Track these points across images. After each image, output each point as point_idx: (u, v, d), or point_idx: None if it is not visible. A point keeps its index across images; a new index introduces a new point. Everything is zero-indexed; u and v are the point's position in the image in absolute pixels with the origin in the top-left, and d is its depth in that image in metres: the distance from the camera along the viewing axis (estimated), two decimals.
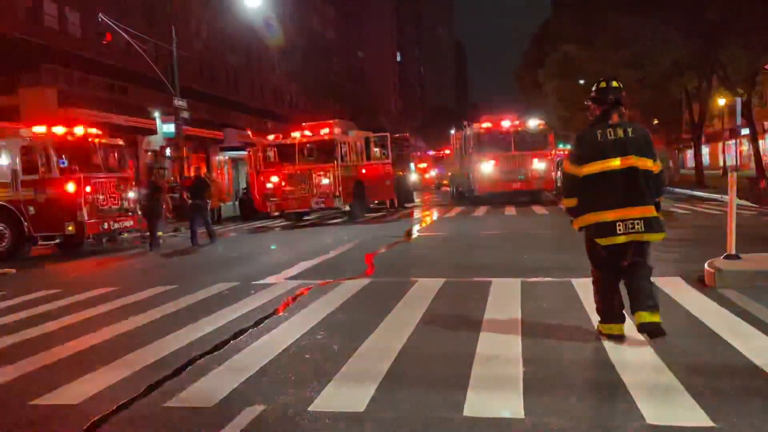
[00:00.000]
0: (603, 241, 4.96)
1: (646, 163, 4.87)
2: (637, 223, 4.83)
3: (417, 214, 22.38)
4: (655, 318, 4.88)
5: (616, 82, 5.09)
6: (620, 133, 4.88)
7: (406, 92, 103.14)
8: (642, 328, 4.89)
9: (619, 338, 5.02)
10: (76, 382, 4.73)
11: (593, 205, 4.95)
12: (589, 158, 4.93)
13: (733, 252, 7.56)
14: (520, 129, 24.27)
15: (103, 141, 15.55)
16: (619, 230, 4.85)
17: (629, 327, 5.08)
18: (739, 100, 26.79)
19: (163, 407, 4.13)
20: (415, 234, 15.23)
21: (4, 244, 14.20)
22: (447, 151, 41.33)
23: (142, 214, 15.65)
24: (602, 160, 4.88)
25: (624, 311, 5.12)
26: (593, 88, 5.18)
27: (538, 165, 24.07)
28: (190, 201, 15.81)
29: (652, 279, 5.08)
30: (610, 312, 5.09)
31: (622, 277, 5.08)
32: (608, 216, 4.87)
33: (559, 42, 37.16)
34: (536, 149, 24.12)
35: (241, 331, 5.93)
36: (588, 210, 5.00)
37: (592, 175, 4.91)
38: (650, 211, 4.87)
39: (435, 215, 21.12)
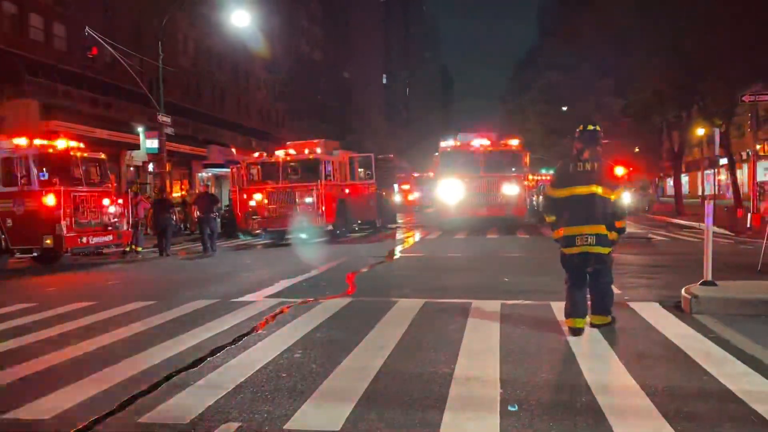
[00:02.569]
0: (566, 251, 6.15)
1: (604, 191, 5.99)
2: (590, 238, 5.98)
3: (399, 235, 22.41)
4: (605, 320, 6.23)
5: (593, 126, 6.25)
6: (588, 167, 6.05)
7: (391, 114, 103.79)
8: (593, 326, 6.18)
9: (578, 331, 6.03)
10: (50, 396, 4.66)
11: (563, 222, 6.15)
12: (563, 185, 6.17)
13: (710, 279, 7.67)
14: (491, 149, 22.09)
15: (85, 155, 15.46)
16: (578, 242, 6.03)
17: (604, 356, 5.11)
18: (717, 130, 27.31)
19: (138, 423, 4.08)
20: (397, 255, 15.25)
21: None
22: (431, 174, 41.56)
23: (153, 226, 17.53)
24: (571, 187, 6.08)
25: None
26: (576, 130, 6.30)
27: (509, 189, 21.81)
28: (198, 214, 17.83)
29: (633, 304, 5.33)
30: (572, 309, 6.12)
31: (588, 283, 6.16)
32: (572, 231, 6.06)
33: (543, 69, 37.75)
34: (508, 172, 21.92)
35: (219, 348, 5.89)
36: (560, 225, 6.19)
37: (563, 198, 6.15)
38: (602, 229, 5.98)
39: (417, 236, 21.17)
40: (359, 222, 23.87)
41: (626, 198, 7.06)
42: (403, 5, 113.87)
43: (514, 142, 22.98)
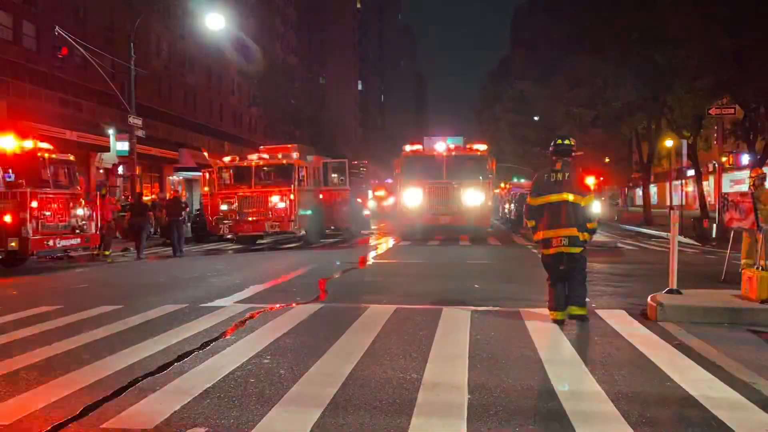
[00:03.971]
0: (544, 251, 6.96)
1: (575, 198, 6.78)
2: (564, 239, 6.75)
3: (372, 241, 22.42)
4: (582, 311, 6.87)
5: (567, 140, 7.03)
6: (560, 176, 6.84)
7: (366, 120, 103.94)
8: (571, 317, 6.84)
9: (560, 322, 6.78)
10: (10, 401, 4.56)
11: (540, 225, 6.95)
12: (539, 193, 6.96)
13: (675, 287, 7.82)
14: (455, 154, 20.96)
15: (53, 156, 15.18)
16: (554, 244, 6.80)
17: (571, 362, 5.18)
18: (684, 142, 27.88)
19: (101, 428, 4.01)
20: (369, 261, 15.25)
21: None
22: (389, 180, 41.67)
23: (130, 228, 17.93)
24: (546, 195, 6.87)
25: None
26: (551, 143, 7.06)
27: (473, 197, 20.56)
28: (167, 218, 18.32)
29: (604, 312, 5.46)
30: (555, 303, 6.90)
31: (564, 280, 6.84)
32: (548, 234, 6.85)
33: (515, 79, 38.18)
34: (473, 178, 20.72)
35: (186, 354, 5.82)
36: (539, 229, 6.97)
37: (540, 204, 6.94)
38: (574, 231, 6.75)
39: (390, 243, 21.19)
40: (332, 228, 23.81)
41: (596, 206, 7.63)
42: (378, 12, 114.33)
43: (480, 147, 21.74)
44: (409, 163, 21.10)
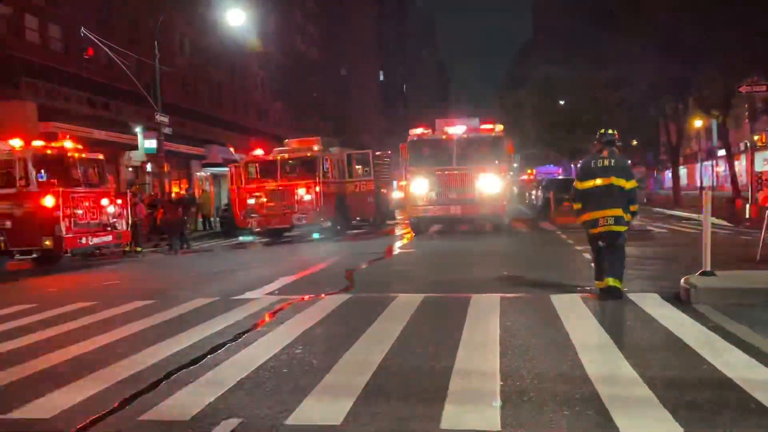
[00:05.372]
0: (591, 230, 7.53)
1: (621, 182, 7.42)
2: (610, 219, 7.34)
3: (398, 231, 22.41)
4: (617, 284, 7.37)
5: (612, 130, 7.78)
6: (606, 162, 7.49)
7: (389, 111, 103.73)
8: (608, 289, 7.38)
9: (607, 289, 7.35)
10: (50, 395, 4.66)
11: (587, 207, 7.54)
12: (586, 177, 7.59)
13: (709, 269, 7.68)
14: (466, 137, 18.66)
15: (83, 155, 15.45)
16: (600, 223, 7.38)
17: (604, 347, 5.11)
18: (714, 122, 27.33)
19: (138, 421, 4.08)
20: (395, 251, 15.26)
21: None
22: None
23: (163, 224, 18.49)
24: (593, 179, 7.50)
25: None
26: (597, 133, 7.85)
27: (486, 184, 18.08)
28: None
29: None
30: (598, 274, 7.62)
31: (607, 254, 7.44)
32: (595, 214, 7.42)
33: (538, 64, 37.69)
34: (486, 163, 18.28)
35: (219, 346, 5.89)
36: (585, 211, 7.57)
37: (587, 188, 7.55)
38: (619, 212, 7.35)
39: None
40: (357, 219, 23.87)
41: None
42: (398, 2, 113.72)
43: (494, 127, 19.18)
44: (415, 149, 18.92)
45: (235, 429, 3.86)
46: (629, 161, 8.09)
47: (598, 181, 7.45)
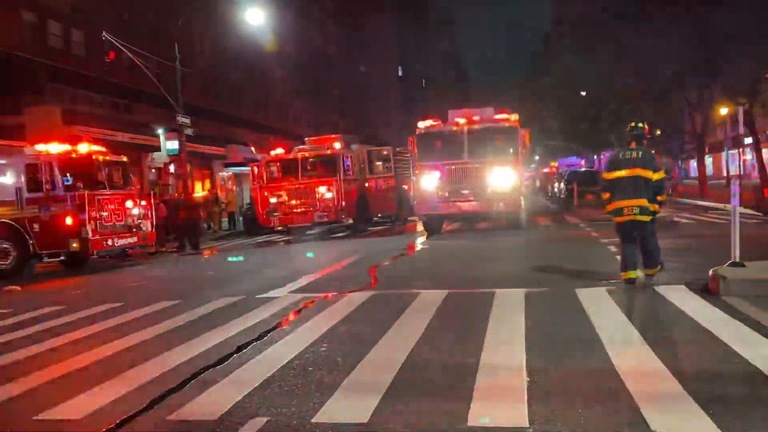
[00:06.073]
0: (616, 219, 7.84)
1: (647, 173, 7.70)
2: (635, 208, 7.65)
3: (420, 227, 22.34)
4: (654, 271, 7.88)
5: (641, 123, 8.11)
6: (633, 155, 7.79)
7: (408, 106, 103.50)
8: (647, 277, 7.80)
9: (631, 281, 7.67)
10: (80, 397, 4.73)
11: (613, 197, 7.86)
12: (614, 168, 7.90)
13: (738, 259, 7.54)
14: (477, 127, 17.33)
15: (107, 158, 15.63)
16: (625, 213, 7.71)
17: (632, 341, 5.04)
18: (741, 109, 26.77)
19: (167, 421, 4.12)
20: (418, 247, 15.22)
21: (9, 261, 14.24)
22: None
23: (183, 224, 18.65)
24: (619, 170, 7.80)
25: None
26: (627, 126, 8.18)
27: (499, 178, 16.79)
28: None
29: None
30: (624, 264, 7.82)
31: (634, 243, 7.76)
32: (621, 204, 7.75)
33: (559, 54, 37.23)
34: (500, 155, 16.98)
35: (245, 345, 5.92)
36: (612, 200, 7.89)
37: (614, 179, 7.85)
38: (644, 202, 7.65)
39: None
40: (379, 215, 23.86)
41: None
42: None
43: (509, 117, 17.87)
44: (424, 142, 17.72)
45: (263, 428, 3.88)
46: (653, 152, 8.42)
47: (624, 172, 7.75)
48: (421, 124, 18.17)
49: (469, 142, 17.17)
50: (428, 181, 17.40)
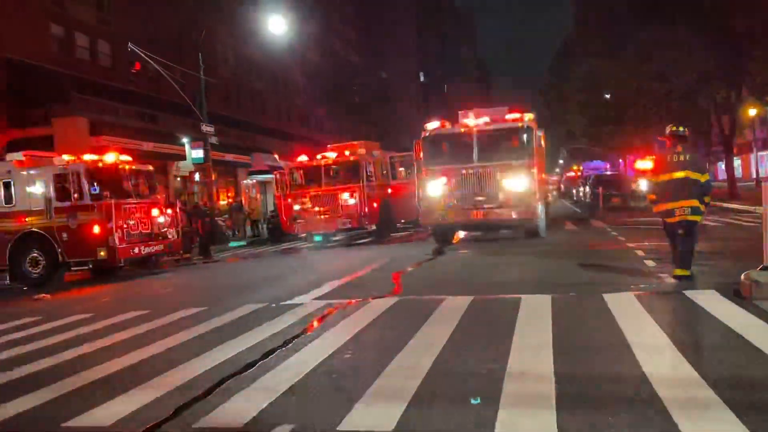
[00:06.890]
0: (668, 220, 8.18)
1: (696, 176, 8.01)
2: (687, 209, 7.96)
3: None
4: (685, 273, 8.09)
5: (682, 127, 8.46)
6: (680, 157, 8.10)
7: (430, 111, 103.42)
8: (676, 277, 8.10)
9: (688, 278, 8.03)
10: (108, 404, 4.77)
11: (662, 199, 8.21)
12: (661, 171, 8.23)
13: None
14: (488, 128, 15.85)
15: (134, 167, 15.85)
16: (677, 213, 8.03)
17: (662, 346, 4.93)
18: None
19: (193, 428, 4.13)
20: (442, 252, 15.13)
21: (39, 270, 14.51)
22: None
23: (202, 233, 19.40)
24: (670, 172, 8.10)
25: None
26: (668, 130, 8.50)
27: (515, 183, 15.30)
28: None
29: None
30: (683, 262, 8.11)
31: (677, 242, 8.15)
32: (672, 205, 8.07)
33: (582, 57, 36.87)
34: (512, 158, 15.48)
35: (270, 352, 5.93)
36: (660, 202, 8.26)
37: (662, 181, 8.20)
38: (694, 203, 7.98)
39: (461, 234, 20.97)
40: (402, 221, 23.81)
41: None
42: (436, 1, 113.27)
43: (523, 116, 16.10)
44: (432, 145, 16.31)
45: None
46: (702, 157, 9.07)
47: (675, 175, 8.03)
48: (428, 126, 16.83)
49: (480, 144, 15.73)
50: (434, 188, 16.00)
